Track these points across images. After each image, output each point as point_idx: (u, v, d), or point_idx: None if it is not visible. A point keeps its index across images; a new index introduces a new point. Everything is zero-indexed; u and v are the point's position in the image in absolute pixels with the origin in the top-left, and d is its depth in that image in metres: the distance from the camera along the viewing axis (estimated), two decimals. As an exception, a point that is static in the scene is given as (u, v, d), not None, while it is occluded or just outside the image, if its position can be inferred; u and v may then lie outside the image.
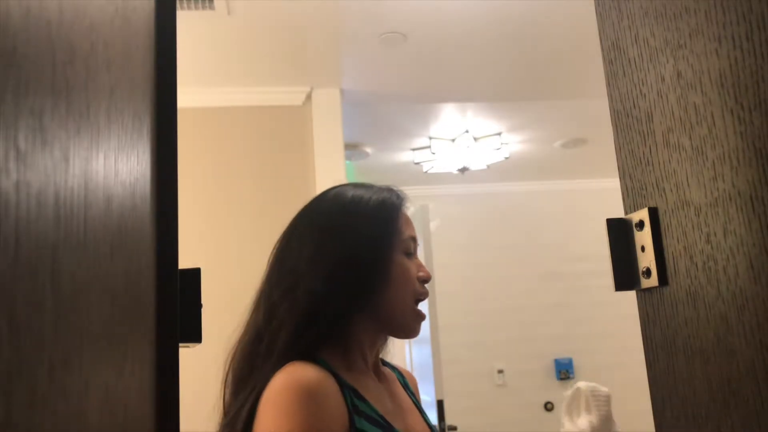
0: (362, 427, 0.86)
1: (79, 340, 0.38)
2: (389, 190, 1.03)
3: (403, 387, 1.10)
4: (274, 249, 1.02)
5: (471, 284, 4.89)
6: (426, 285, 1.02)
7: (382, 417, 0.91)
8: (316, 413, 0.81)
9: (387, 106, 3.50)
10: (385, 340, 1.06)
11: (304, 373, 0.84)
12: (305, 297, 0.92)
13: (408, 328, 0.99)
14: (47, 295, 0.33)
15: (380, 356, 1.06)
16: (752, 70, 0.48)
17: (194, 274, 0.66)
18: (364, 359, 0.99)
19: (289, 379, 0.83)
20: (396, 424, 0.92)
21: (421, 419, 1.05)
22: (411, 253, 1.01)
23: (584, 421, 1.04)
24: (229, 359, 0.97)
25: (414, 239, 1.02)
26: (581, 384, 1.10)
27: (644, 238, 0.62)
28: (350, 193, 1.01)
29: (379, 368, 1.05)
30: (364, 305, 0.95)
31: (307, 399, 0.81)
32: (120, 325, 0.48)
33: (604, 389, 1.12)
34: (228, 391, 0.96)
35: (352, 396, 0.88)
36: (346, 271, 0.94)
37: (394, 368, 1.12)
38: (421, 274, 1.00)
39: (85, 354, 0.39)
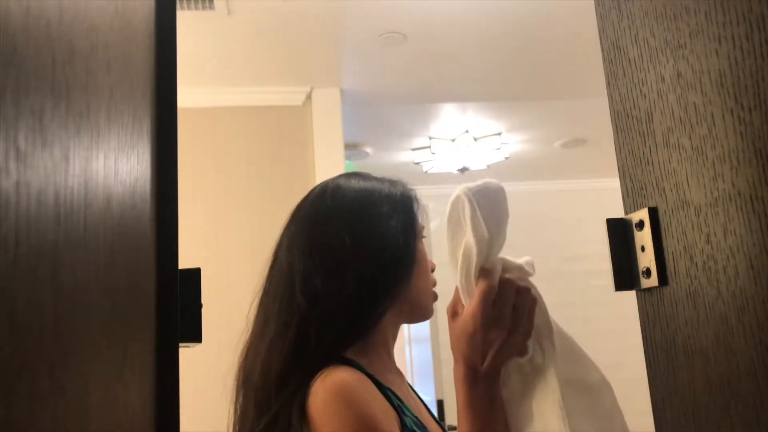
0: (413, 428, 0.86)
1: (79, 340, 0.38)
2: (398, 182, 1.06)
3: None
4: (295, 232, 0.98)
5: (471, 284, 4.88)
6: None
7: (417, 418, 0.91)
8: (368, 410, 0.81)
9: (387, 106, 3.50)
10: None
11: (347, 377, 0.83)
12: (352, 286, 0.91)
13: (428, 311, 1.03)
14: (47, 295, 0.33)
15: None
16: (752, 70, 0.48)
17: (194, 274, 0.66)
18: (388, 354, 1.00)
19: (336, 386, 0.81)
20: (423, 421, 0.93)
21: (430, 417, 1.05)
22: (422, 238, 1.05)
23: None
24: (254, 355, 0.93)
25: (422, 226, 1.05)
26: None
27: (644, 238, 0.62)
28: (370, 183, 1.03)
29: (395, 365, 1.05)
30: (399, 294, 0.96)
31: (357, 399, 0.81)
32: (120, 325, 0.48)
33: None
34: (259, 390, 0.90)
35: (393, 396, 0.88)
36: (386, 260, 0.95)
37: None
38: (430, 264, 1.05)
39: (85, 354, 0.39)
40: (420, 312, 1.02)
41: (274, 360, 0.90)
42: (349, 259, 0.92)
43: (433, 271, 1.05)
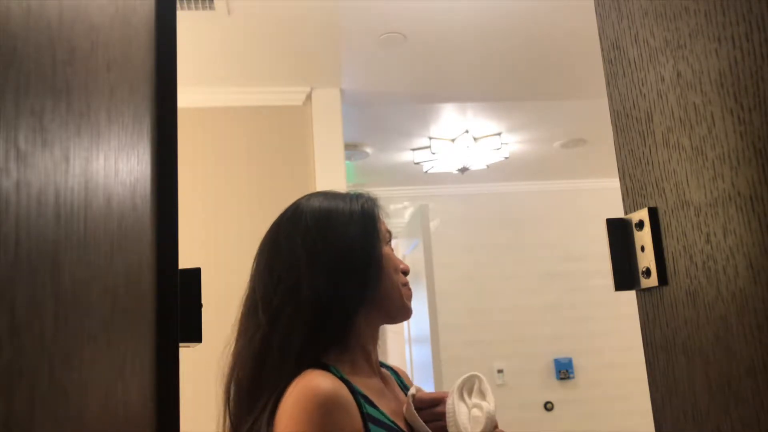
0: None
1: (79, 340, 0.38)
2: (360, 195, 1.09)
3: (400, 385, 1.11)
4: (259, 258, 1.03)
5: (471, 284, 4.89)
6: (410, 281, 1.09)
7: (393, 422, 0.92)
8: (334, 426, 0.82)
9: (387, 106, 3.50)
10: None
11: (321, 383, 0.85)
12: (309, 298, 0.94)
13: (404, 308, 1.05)
14: (47, 295, 0.33)
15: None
16: (752, 70, 0.48)
17: (194, 274, 0.66)
18: (368, 359, 1.01)
19: (307, 391, 0.83)
20: (402, 426, 0.95)
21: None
22: (389, 242, 1.08)
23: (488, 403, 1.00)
24: (230, 370, 0.97)
25: (389, 231, 1.09)
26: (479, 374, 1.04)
27: (644, 238, 0.62)
28: (330, 201, 1.06)
29: (380, 368, 1.06)
30: (366, 297, 0.99)
31: (326, 411, 0.82)
32: (120, 325, 0.48)
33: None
34: (234, 404, 0.95)
35: (364, 403, 0.89)
36: (346, 268, 0.98)
37: (388, 367, 1.14)
38: (401, 266, 1.07)
39: (85, 354, 0.39)
40: (396, 310, 1.05)
41: (245, 372, 0.94)
42: (305, 274, 0.96)
43: (406, 274, 1.08)
